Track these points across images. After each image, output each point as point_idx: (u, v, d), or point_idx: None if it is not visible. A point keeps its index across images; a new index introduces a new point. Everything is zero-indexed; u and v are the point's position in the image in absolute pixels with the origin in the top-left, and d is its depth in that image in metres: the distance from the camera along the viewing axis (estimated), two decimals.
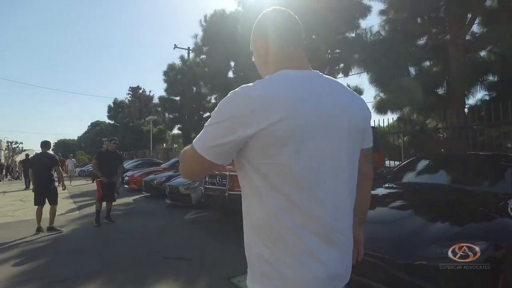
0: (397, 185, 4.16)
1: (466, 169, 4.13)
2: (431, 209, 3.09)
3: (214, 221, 6.67)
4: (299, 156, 0.90)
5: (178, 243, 5.05)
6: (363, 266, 2.81)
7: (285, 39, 1.08)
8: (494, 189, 3.54)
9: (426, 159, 4.88)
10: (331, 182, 0.97)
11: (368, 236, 2.83)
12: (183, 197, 8.06)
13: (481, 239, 2.47)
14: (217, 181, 6.00)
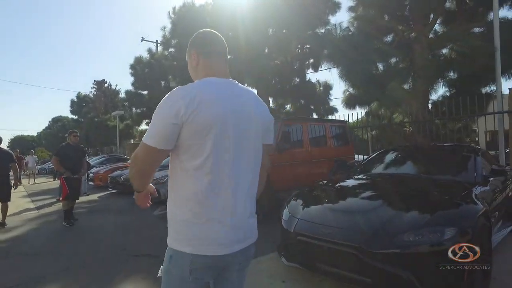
0: (367, 176, 4.21)
1: (431, 160, 4.26)
2: (401, 199, 3.13)
3: None
4: (217, 144, 1.22)
5: (146, 240, 4.86)
6: (338, 257, 2.82)
7: (211, 55, 1.41)
8: (459, 178, 3.66)
9: (393, 151, 4.99)
10: (241, 168, 1.30)
11: (342, 226, 2.86)
12: None
13: (450, 225, 2.54)
14: None
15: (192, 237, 1.24)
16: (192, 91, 1.21)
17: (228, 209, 1.26)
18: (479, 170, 3.68)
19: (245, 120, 1.31)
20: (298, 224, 3.11)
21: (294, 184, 6.53)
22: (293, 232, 3.09)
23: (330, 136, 7.51)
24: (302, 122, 6.92)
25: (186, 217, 1.25)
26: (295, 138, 6.65)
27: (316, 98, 14.45)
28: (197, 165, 1.22)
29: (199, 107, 1.18)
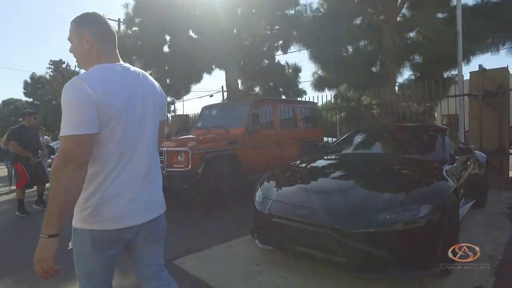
0: (339, 156, 4.18)
1: (402, 140, 4.30)
2: (375, 178, 3.11)
3: None
4: (123, 124, 1.31)
5: None
6: (313, 238, 2.76)
7: (108, 41, 1.42)
8: (429, 157, 3.71)
9: (363, 131, 5.01)
10: (143, 144, 1.41)
11: (317, 206, 2.78)
12: None
13: (425, 203, 2.54)
14: None
15: (93, 213, 1.30)
16: (97, 79, 1.26)
17: (130, 183, 1.36)
18: (447, 149, 3.75)
19: (146, 100, 1.43)
20: (272, 206, 3.01)
21: (264, 166, 6.43)
22: (267, 214, 2.98)
23: (300, 117, 7.46)
24: (272, 103, 6.80)
25: (86, 194, 1.30)
26: (264, 120, 6.52)
27: (285, 81, 14.37)
28: (101, 145, 1.28)
29: (107, 95, 1.24)
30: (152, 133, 1.48)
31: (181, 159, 5.14)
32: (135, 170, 1.38)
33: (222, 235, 4.00)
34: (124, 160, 1.34)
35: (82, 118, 1.20)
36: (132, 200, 1.37)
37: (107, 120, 1.26)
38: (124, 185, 1.34)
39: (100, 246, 1.35)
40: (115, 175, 1.32)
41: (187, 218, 4.90)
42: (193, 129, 7.26)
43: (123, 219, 1.35)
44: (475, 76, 7.02)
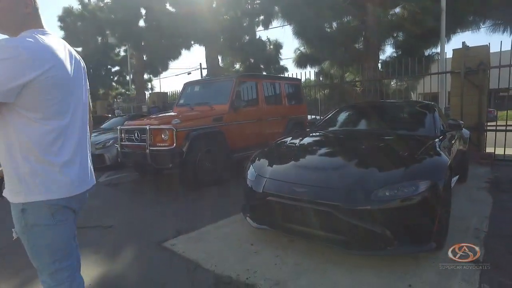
0: (330, 133, 4.11)
1: (390, 116, 4.27)
2: (371, 154, 3.06)
3: (134, 182, 6.01)
4: (65, 97, 1.29)
5: (93, 210, 4.35)
6: (311, 216, 2.70)
7: (38, 7, 1.35)
8: (421, 132, 3.69)
9: (351, 108, 4.95)
10: (81, 114, 1.41)
11: (315, 183, 2.70)
12: (95, 158, 7.07)
13: (424, 178, 2.51)
14: (135, 136, 5.29)
15: (44, 183, 1.25)
16: (38, 43, 1.20)
17: (75, 153, 1.35)
18: (438, 125, 3.75)
19: (79, 71, 1.42)
20: (267, 184, 2.91)
21: (249, 144, 6.32)
22: (262, 192, 2.88)
23: (285, 94, 7.32)
24: (257, 79, 6.60)
25: (32, 166, 1.24)
26: (249, 96, 6.34)
27: (267, 57, 14.10)
28: (46, 115, 1.24)
29: (52, 65, 1.21)
30: (86, 100, 1.49)
31: (165, 137, 4.93)
32: (79, 136, 1.39)
33: (212, 215, 3.90)
34: (71, 125, 1.33)
35: (4, 84, 1.13)
36: (80, 166, 1.37)
37: (47, 90, 1.21)
38: (73, 150, 1.34)
39: (60, 217, 1.32)
40: (64, 139, 1.30)
41: (174, 198, 4.76)
42: (174, 106, 6.98)
43: (75, 185, 1.34)
44: (458, 54, 7.06)
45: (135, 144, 5.30)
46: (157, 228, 3.53)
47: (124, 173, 6.65)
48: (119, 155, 5.75)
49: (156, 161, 4.94)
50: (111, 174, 6.63)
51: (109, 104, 16.40)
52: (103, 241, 3.29)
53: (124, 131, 5.55)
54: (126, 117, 10.61)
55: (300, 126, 7.90)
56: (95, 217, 3.99)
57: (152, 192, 5.14)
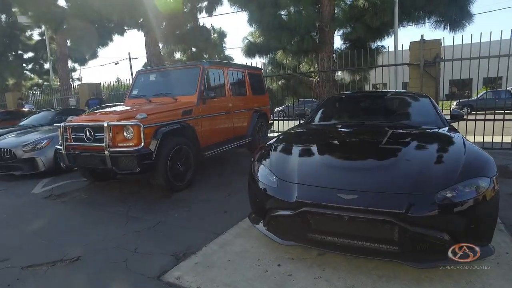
0: (336, 126, 3.68)
1: (393, 107, 4.04)
2: (409, 150, 2.69)
3: (84, 191, 4.89)
4: None
5: (43, 236, 3.33)
6: (363, 227, 2.25)
7: None
8: (429, 125, 3.47)
9: (344, 99, 4.62)
10: None
11: (366, 189, 2.23)
12: (22, 163, 5.70)
13: (481, 175, 2.25)
14: (87, 135, 4.26)
15: None
16: None
17: None
18: (442, 116, 3.60)
19: None
20: (300, 191, 2.37)
21: (219, 140, 5.69)
22: (295, 201, 2.34)
23: (249, 84, 6.77)
24: (222, 67, 5.92)
25: None
26: (216, 86, 5.65)
27: (211, 46, 13.28)
28: None
29: None
30: None
31: (129, 135, 4.04)
32: None
33: (206, 228, 3.23)
34: None
35: None
36: None
37: None
38: None
39: None
40: None
41: (148, 210, 3.91)
42: (125, 98, 5.95)
43: None
44: (415, 46, 7.26)
45: (87, 145, 4.27)
46: (145, 254, 2.75)
47: (65, 180, 5.45)
48: (61, 159, 4.62)
49: (119, 165, 4.02)
50: (49, 183, 5.37)
51: (20, 97, 13.85)
52: (74, 284, 2.41)
53: (70, 129, 4.46)
54: (54, 111, 9.02)
55: (265, 118, 7.46)
56: (49, 247, 3.02)
57: (115, 203, 4.17)
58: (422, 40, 7.06)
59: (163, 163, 4.21)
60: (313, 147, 2.93)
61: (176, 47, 14.10)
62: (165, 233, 3.18)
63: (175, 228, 3.30)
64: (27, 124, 8.52)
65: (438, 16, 8.60)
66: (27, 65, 18.13)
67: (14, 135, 6.43)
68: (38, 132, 6.39)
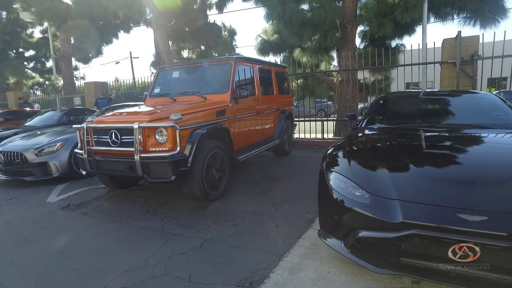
0: (409, 129, 3.22)
1: (464, 108, 3.58)
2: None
3: (107, 200, 4.40)
4: None
5: (68, 261, 2.84)
6: (489, 255, 1.73)
7: None
8: (506, 125, 3.04)
9: (399, 98, 4.16)
10: None
11: (495, 208, 1.77)
12: (33, 168, 5.20)
13: None
14: (112, 138, 3.78)
15: None
16: None
17: None
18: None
19: None
20: (406, 210, 1.92)
21: (250, 142, 5.25)
22: (400, 223, 1.89)
23: (276, 83, 6.31)
24: (253, 64, 5.46)
25: None
26: (246, 84, 5.18)
27: (222, 43, 12.80)
28: None
29: None
30: None
31: (162, 138, 3.57)
32: None
33: (262, 247, 2.77)
34: None
35: None
36: None
37: None
38: None
39: None
40: None
41: (186, 225, 3.44)
42: (146, 97, 5.47)
43: None
44: (449, 44, 6.85)
45: (113, 149, 3.79)
46: (203, 284, 2.28)
47: (81, 187, 4.97)
48: (82, 165, 4.14)
49: (151, 173, 3.54)
50: (64, 190, 4.88)
51: (20, 97, 13.30)
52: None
53: (92, 130, 3.98)
54: (61, 111, 8.53)
55: (291, 119, 7.01)
56: (84, 274, 2.54)
57: (145, 216, 3.69)
58: (459, 36, 6.64)
59: (199, 170, 3.74)
60: (401, 154, 2.48)
61: (185, 44, 13.62)
62: (217, 254, 2.70)
63: (227, 247, 2.83)
64: (33, 124, 8.02)
65: (469, 12, 8.16)
66: (28, 64, 17.54)
67: (23, 137, 5.93)
68: (49, 134, 5.89)
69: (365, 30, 9.48)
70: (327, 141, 7.99)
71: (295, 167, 5.81)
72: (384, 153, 2.62)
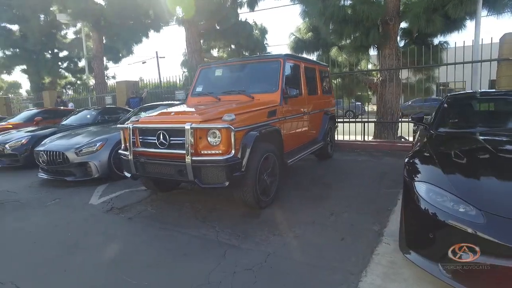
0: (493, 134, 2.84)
1: None
2: None
3: (150, 204, 4.20)
4: None
5: (123, 275, 2.62)
6: None
7: None
8: None
9: (473, 99, 3.73)
10: None
11: None
12: (74, 168, 5.11)
13: None
14: (160, 139, 3.57)
15: None
16: None
17: None
18: None
19: None
20: None
21: (298, 145, 4.95)
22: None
23: (320, 82, 5.96)
24: (300, 62, 5.15)
25: None
26: (293, 84, 4.86)
27: (253, 42, 12.56)
28: None
29: None
30: None
31: (215, 141, 3.31)
32: None
33: (333, 264, 2.45)
34: None
35: None
36: None
37: None
38: None
39: None
40: None
41: (242, 235, 3.17)
42: (187, 96, 5.26)
43: None
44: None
45: (161, 151, 3.57)
46: None
47: (122, 189, 4.81)
48: (126, 167, 3.96)
49: (203, 178, 3.29)
50: (105, 192, 4.73)
51: (58, 96, 13.58)
52: None
53: (138, 130, 3.78)
54: (95, 110, 8.52)
55: (334, 121, 6.65)
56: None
57: (194, 223, 3.44)
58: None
59: (252, 174, 3.46)
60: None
61: (215, 43, 13.47)
62: (286, 271, 2.41)
63: (294, 263, 2.53)
64: (69, 123, 8.04)
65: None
66: (62, 64, 17.96)
67: (62, 136, 5.87)
68: (88, 134, 5.80)
69: (406, 27, 8.99)
70: (368, 144, 7.57)
71: (341, 171, 5.45)
72: (484, 163, 2.25)
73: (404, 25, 8.90)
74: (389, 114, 8.25)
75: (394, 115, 8.29)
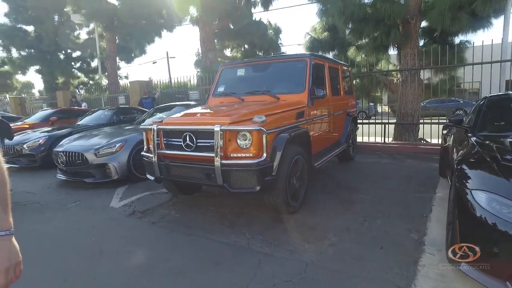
0: None
1: None
2: None
3: (173, 208, 4.07)
4: None
5: (153, 284, 2.49)
6: None
7: None
8: None
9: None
10: None
11: None
12: (93, 169, 5.02)
13: None
14: (186, 141, 3.44)
15: None
16: None
17: None
18: None
19: None
20: None
21: (324, 147, 4.80)
22: None
23: (342, 82, 5.79)
24: (324, 61, 4.98)
25: None
26: (319, 84, 4.69)
27: (267, 42, 12.41)
28: None
29: None
30: None
31: (245, 143, 3.17)
32: None
33: (375, 275, 2.29)
34: None
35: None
36: None
37: None
38: None
39: None
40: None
41: (274, 242, 3.03)
42: (208, 96, 5.13)
43: None
44: None
45: (190, 153, 3.44)
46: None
47: (142, 191, 4.70)
48: (149, 170, 3.84)
49: (232, 182, 3.15)
50: (126, 194, 4.62)
51: (73, 96, 13.62)
52: None
53: (163, 132, 3.66)
54: (110, 110, 8.45)
55: (356, 122, 6.46)
56: None
57: (221, 228, 3.30)
58: None
59: (283, 178, 3.31)
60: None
61: (229, 43, 13.36)
62: (327, 284, 2.26)
63: (335, 274, 2.37)
64: (85, 124, 7.99)
65: None
66: (75, 64, 18.05)
67: (79, 137, 5.79)
68: (106, 134, 5.72)
69: (426, 26, 8.74)
70: (389, 146, 7.37)
71: (365, 174, 5.27)
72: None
73: (424, 24, 8.66)
74: (410, 115, 8.03)
75: (414, 116, 8.06)
